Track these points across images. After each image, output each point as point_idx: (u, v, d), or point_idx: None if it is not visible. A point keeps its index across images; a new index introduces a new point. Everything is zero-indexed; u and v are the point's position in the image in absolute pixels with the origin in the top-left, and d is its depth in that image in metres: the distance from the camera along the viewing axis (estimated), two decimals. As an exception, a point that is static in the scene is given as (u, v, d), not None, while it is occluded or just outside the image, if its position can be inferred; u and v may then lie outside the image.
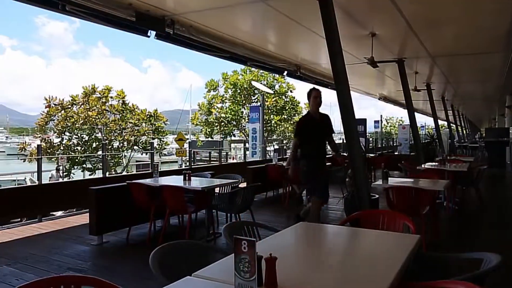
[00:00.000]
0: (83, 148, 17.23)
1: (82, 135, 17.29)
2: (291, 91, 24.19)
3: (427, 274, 2.36)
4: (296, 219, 5.21)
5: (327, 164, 9.34)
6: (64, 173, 16.12)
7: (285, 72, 9.55)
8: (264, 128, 16.27)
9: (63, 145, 16.93)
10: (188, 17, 5.66)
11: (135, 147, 18.23)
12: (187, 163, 12.66)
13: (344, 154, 8.12)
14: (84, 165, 17.00)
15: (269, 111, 22.86)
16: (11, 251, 4.78)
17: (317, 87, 5.40)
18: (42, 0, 4.34)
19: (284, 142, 23.74)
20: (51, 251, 4.82)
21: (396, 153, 19.78)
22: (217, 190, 5.59)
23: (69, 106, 16.89)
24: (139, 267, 4.27)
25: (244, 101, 23.29)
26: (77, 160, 16.74)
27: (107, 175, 8.98)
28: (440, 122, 16.98)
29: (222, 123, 23.39)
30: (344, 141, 10.66)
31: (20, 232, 5.82)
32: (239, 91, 22.96)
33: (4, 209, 6.08)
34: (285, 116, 23.79)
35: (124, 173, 16.65)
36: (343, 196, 6.95)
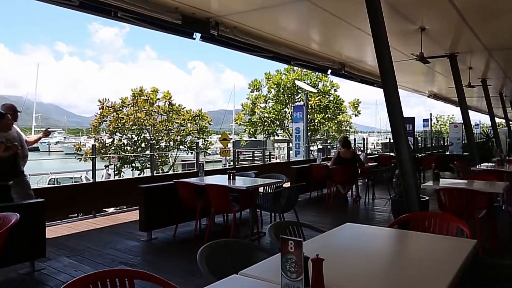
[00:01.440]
0: (132, 148, 18.02)
1: (131, 136, 18.07)
2: (335, 90, 23.79)
3: (482, 281, 2.22)
4: None
5: (373, 164, 9.15)
6: (115, 172, 16.96)
7: (329, 71, 9.40)
8: (308, 128, 16.11)
9: (114, 145, 17.80)
10: (232, 18, 5.74)
11: (181, 147, 18.77)
12: (231, 163, 12.84)
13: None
14: (134, 164, 17.77)
15: (313, 110, 22.60)
16: (70, 244, 5.11)
17: (361, 85, 5.25)
18: (98, 8, 4.59)
19: (328, 141, 23.38)
20: (105, 245, 5.09)
21: (447, 153, 18.82)
22: (261, 189, 5.61)
23: (120, 108, 17.73)
24: (185, 264, 4.40)
25: (287, 101, 23.21)
26: (127, 159, 17.54)
27: (154, 174, 9.31)
28: (497, 120, 15.91)
29: (266, 123, 23.47)
30: (392, 140, 10.31)
31: (77, 227, 6.19)
32: (282, 90, 22.91)
33: (63, 205, 6.49)
34: (329, 115, 23.42)
35: (171, 172, 17.21)
36: (390, 198, 6.72)
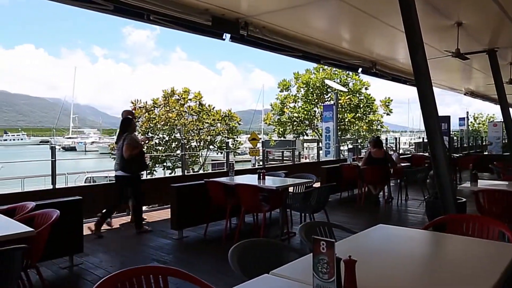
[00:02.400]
0: (163, 148, 18.41)
1: (163, 135, 18.46)
2: (366, 89, 23.33)
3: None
4: None
5: (406, 164, 8.91)
6: (147, 171, 17.37)
7: (360, 69, 9.22)
8: (338, 127, 15.89)
9: (146, 144, 18.24)
10: (261, 18, 5.74)
11: (211, 147, 18.99)
12: (260, 163, 12.86)
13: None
14: (165, 164, 18.15)
15: (343, 109, 22.26)
16: (106, 241, 5.29)
17: (393, 83, 5.13)
18: (131, 12, 4.72)
19: (359, 141, 22.96)
20: (138, 242, 5.23)
21: (486, 153, 18.03)
22: (291, 189, 5.60)
23: (152, 108, 18.15)
24: (216, 262, 4.45)
25: (316, 100, 22.99)
26: (158, 159, 17.93)
27: (185, 173, 9.47)
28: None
29: (295, 123, 23.35)
30: (425, 140, 9.97)
31: (112, 224, 6.39)
32: (311, 90, 22.71)
33: (99, 202, 6.72)
34: (360, 115, 22.99)
35: (201, 171, 17.44)
36: (424, 199, 6.53)
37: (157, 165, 17.93)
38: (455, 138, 20.38)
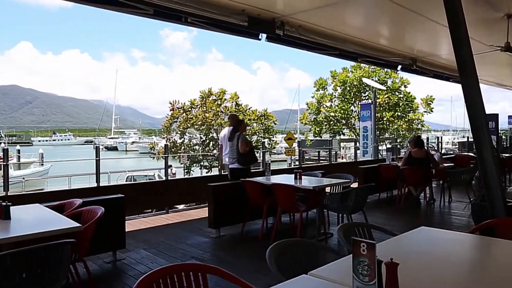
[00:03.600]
0: (201, 147, 18.76)
1: (200, 135, 18.81)
2: (405, 86, 22.59)
3: None
4: None
5: (449, 164, 8.53)
6: (185, 171, 17.77)
7: (399, 67, 8.93)
8: (376, 126, 15.49)
9: (184, 144, 18.68)
10: (297, 17, 5.71)
11: (247, 146, 19.13)
12: (296, 162, 12.79)
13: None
14: (202, 163, 18.49)
15: (381, 108, 21.69)
16: (146, 238, 5.47)
17: (435, 80, 4.93)
18: (170, 15, 4.84)
19: (398, 140, 22.26)
20: (177, 240, 5.36)
21: (538, 152, 16.89)
22: (328, 189, 5.52)
23: (189, 109, 18.55)
24: (253, 261, 4.48)
25: (354, 99, 22.55)
26: (196, 158, 18.30)
27: (222, 173, 9.59)
28: None
29: (331, 122, 23.03)
30: (470, 139, 9.51)
31: (152, 222, 6.60)
32: (348, 88, 22.31)
33: (139, 201, 6.97)
34: (399, 113, 22.29)
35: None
36: (469, 201, 6.22)
37: (194, 165, 18.29)
38: (503, 137, 19.26)
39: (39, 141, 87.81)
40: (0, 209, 3.06)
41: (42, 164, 25.09)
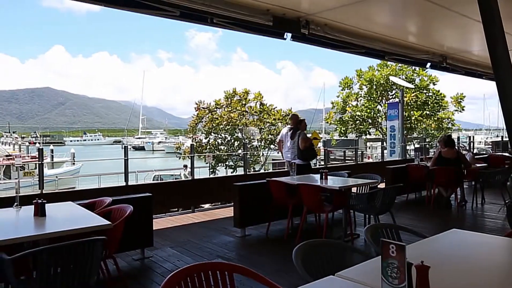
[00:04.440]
0: (226, 147, 18.91)
1: (225, 135, 18.97)
2: (434, 84, 21.95)
3: None
4: None
5: (482, 164, 8.23)
6: (210, 170, 17.95)
7: (428, 64, 8.68)
8: (404, 126, 15.14)
9: (210, 144, 18.88)
10: (322, 15, 5.65)
11: (272, 146, 19.13)
12: (322, 162, 12.67)
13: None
14: (227, 163, 18.63)
15: (409, 107, 21.16)
16: (173, 236, 5.56)
17: (466, 78, 4.76)
18: (196, 17, 4.90)
19: (427, 140, 21.66)
20: (202, 239, 5.43)
21: None
22: (354, 190, 5.45)
23: (214, 109, 18.73)
24: (278, 261, 4.47)
25: (380, 98, 22.11)
26: (221, 158, 18.45)
27: (247, 173, 9.63)
28: None
29: (357, 121, 22.68)
30: (506, 139, 9.15)
31: (178, 220, 6.71)
32: (375, 87, 21.90)
33: (166, 199, 7.09)
34: (428, 112, 21.68)
35: (262, 170, 17.63)
36: (505, 203, 5.98)
37: (219, 164, 18.45)
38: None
39: (71, 141, 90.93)
40: (36, 206, 3.19)
41: (74, 164, 25.96)
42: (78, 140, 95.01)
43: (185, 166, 18.26)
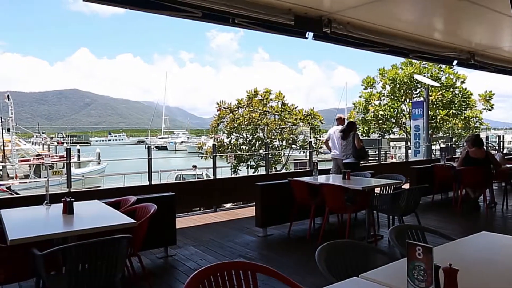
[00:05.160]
0: (247, 147, 18.95)
1: (246, 135, 19.01)
2: (461, 82, 21.32)
3: None
4: None
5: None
6: (232, 170, 18.05)
7: (455, 62, 8.43)
8: (429, 125, 14.78)
9: (231, 144, 18.97)
10: (344, 14, 5.58)
11: (293, 146, 19.05)
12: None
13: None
14: (248, 163, 18.67)
15: (434, 106, 20.63)
16: (195, 235, 5.62)
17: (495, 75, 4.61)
18: (218, 17, 4.93)
19: (453, 140, 21.06)
20: (224, 238, 5.46)
21: None
22: (377, 190, 5.36)
23: (236, 109, 18.80)
24: (300, 261, 4.45)
25: (404, 97, 21.66)
26: (242, 158, 18.51)
27: (269, 172, 9.62)
28: None
29: (380, 121, 22.29)
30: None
31: (201, 219, 6.78)
32: (398, 86, 21.46)
33: (188, 199, 7.17)
34: (454, 111, 21.07)
35: (283, 170, 17.58)
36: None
37: (241, 164, 18.52)
38: None
39: (96, 141, 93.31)
40: (65, 204, 3.29)
41: (99, 163, 26.62)
42: (103, 140, 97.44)
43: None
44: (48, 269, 2.76)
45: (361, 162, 7.85)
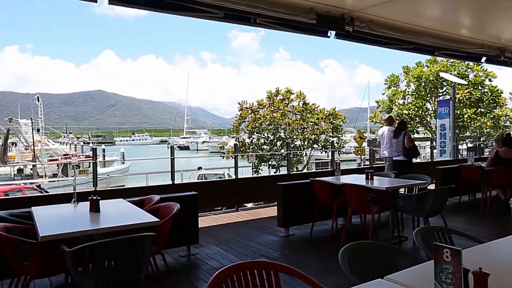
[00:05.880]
0: (268, 147, 18.95)
1: (267, 135, 19.01)
2: (490, 80, 20.62)
3: None
4: None
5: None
6: (254, 170, 18.10)
7: (483, 59, 8.17)
8: (455, 124, 14.37)
9: (253, 144, 19.01)
10: (367, 12, 5.49)
11: (315, 145, 18.93)
12: (366, 162, 12.34)
13: None
14: (270, 163, 18.66)
15: (461, 104, 20.05)
16: (217, 234, 5.66)
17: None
18: (240, 17, 4.95)
19: (482, 139, 20.40)
20: (246, 238, 5.47)
21: None
22: (401, 190, 5.26)
23: (257, 109, 18.83)
24: (323, 262, 4.42)
25: (429, 95, 21.14)
26: (264, 158, 18.52)
27: (290, 172, 9.59)
28: None
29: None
30: None
31: (222, 219, 6.82)
32: (423, 84, 20.96)
33: (210, 198, 7.22)
34: (482, 110, 20.41)
35: (305, 170, 17.49)
36: None
37: (262, 164, 18.53)
38: None
39: (121, 141, 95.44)
40: (92, 203, 3.38)
41: (123, 162, 27.23)
42: (127, 140, 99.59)
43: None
44: (75, 265, 2.84)
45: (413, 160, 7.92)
